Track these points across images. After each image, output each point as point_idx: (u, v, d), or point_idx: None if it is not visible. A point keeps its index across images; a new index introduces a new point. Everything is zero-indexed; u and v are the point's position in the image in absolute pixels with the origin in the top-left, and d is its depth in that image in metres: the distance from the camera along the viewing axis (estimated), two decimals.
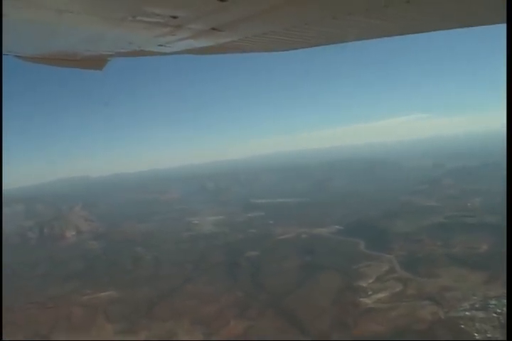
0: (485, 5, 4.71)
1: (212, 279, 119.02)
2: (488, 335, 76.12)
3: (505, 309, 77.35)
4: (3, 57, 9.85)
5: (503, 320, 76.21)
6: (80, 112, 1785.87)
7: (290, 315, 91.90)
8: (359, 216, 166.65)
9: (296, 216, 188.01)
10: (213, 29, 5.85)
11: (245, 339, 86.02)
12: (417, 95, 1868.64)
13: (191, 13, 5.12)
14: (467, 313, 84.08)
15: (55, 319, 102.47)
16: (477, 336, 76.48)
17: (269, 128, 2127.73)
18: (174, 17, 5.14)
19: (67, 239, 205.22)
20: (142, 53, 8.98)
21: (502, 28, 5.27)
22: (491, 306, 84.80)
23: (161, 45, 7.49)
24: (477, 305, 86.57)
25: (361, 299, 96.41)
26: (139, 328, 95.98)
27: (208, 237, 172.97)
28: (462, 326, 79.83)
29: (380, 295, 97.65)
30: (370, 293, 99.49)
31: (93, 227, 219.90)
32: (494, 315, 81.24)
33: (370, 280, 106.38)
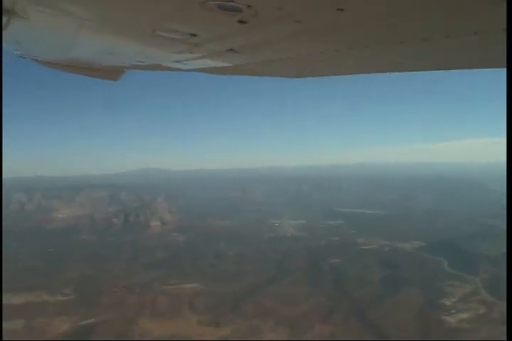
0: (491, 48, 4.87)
1: (295, 282, 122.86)
2: None
3: None
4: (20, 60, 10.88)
5: None
6: (166, 106, 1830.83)
7: (374, 327, 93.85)
8: (443, 234, 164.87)
9: (378, 228, 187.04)
10: (230, 50, 5.99)
11: None
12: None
13: (210, 33, 5.27)
14: None
15: (141, 304, 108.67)
16: None
17: (354, 139, 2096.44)
18: (193, 35, 5.30)
19: (151, 228, 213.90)
20: (158, 67, 9.26)
21: None
22: None
23: (178, 62, 7.67)
24: None
25: (444, 317, 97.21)
26: (223, 322, 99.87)
27: (289, 240, 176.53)
28: None
29: (464, 316, 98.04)
30: (453, 311, 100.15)
31: (176, 219, 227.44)
32: None
33: (454, 300, 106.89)
